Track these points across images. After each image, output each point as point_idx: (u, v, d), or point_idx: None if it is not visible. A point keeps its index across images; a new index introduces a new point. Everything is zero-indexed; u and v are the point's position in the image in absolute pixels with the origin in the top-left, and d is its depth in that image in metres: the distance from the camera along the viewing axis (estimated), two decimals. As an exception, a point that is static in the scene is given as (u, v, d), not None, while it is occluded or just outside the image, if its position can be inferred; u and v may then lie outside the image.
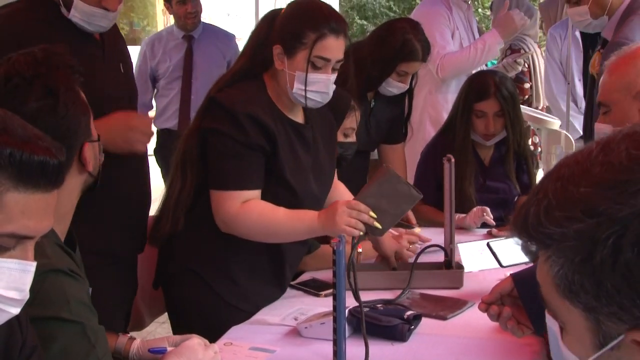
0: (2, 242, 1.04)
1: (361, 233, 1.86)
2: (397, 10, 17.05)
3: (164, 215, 2.08)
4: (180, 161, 2.06)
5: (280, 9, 2.09)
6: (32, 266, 1.08)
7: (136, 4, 7.39)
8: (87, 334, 1.34)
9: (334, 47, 1.99)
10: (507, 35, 3.42)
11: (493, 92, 2.74)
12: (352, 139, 2.56)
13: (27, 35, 1.95)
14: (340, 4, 7.92)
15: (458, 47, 3.42)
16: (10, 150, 1.02)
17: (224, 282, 2.06)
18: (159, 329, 3.48)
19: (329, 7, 2.08)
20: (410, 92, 2.94)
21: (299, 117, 2.12)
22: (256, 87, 2.05)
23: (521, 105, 3.62)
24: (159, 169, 4.23)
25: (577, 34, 4.00)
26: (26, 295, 1.09)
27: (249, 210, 1.95)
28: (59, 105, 1.41)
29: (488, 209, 2.67)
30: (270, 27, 2.06)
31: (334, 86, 2.04)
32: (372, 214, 1.86)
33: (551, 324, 0.77)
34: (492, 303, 1.49)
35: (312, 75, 1.97)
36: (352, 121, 2.52)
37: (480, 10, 10.34)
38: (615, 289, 0.64)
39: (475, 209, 2.68)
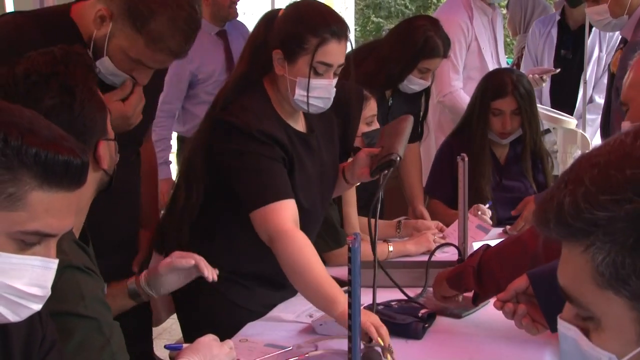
0: (25, 240, 1.06)
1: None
2: (412, 8, 17.00)
3: (168, 226, 2.07)
4: (184, 177, 2.04)
5: (278, 10, 2.02)
6: (54, 263, 1.10)
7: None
8: (102, 329, 1.36)
9: (336, 52, 1.93)
10: None
11: (510, 90, 2.74)
12: (376, 125, 2.54)
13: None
14: (355, 2, 7.91)
15: (476, 57, 3.42)
16: (35, 150, 1.03)
17: (234, 287, 2.05)
18: (175, 325, 3.50)
19: (329, 9, 2.02)
20: (427, 92, 2.95)
21: (300, 124, 2.07)
22: (259, 99, 1.98)
23: (538, 105, 3.63)
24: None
25: (554, 32, 3.99)
26: (48, 292, 1.11)
27: (300, 245, 1.83)
28: (75, 103, 1.42)
29: (484, 207, 2.65)
30: (268, 29, 1.98)
31: (335, 90, 1.98)
32: None
33: (566, 330, 0.75)
34: (508, 301, 1.50)
35: (313, 81, 1.92)
36: (370, 109, 2.52)
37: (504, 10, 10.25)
38: None
39: (471, 208, 2.64)
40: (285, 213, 1.87)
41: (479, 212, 2.64)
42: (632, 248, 0.65)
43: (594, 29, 3.99)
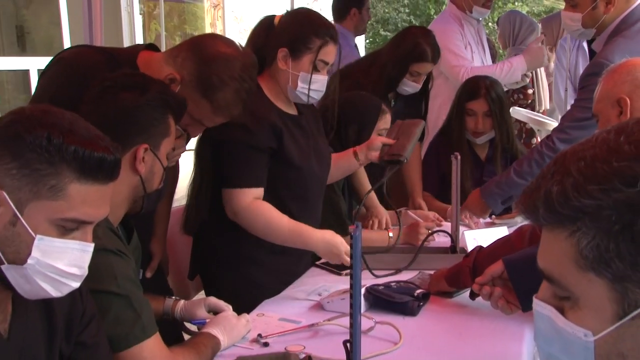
0: (65, 226, 1.07)
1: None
2: (416, 23, 16.92)
3: (189, 207, 2.10)
4: (197, 165, 2.08)
5: (274, 16, 2.08)
6: (90, 247, 1.11)
7: (189, 17, 7.43)
8: (134, 305, 1.36)
9: (333, 53, 2.04)
10: (532, 66, 3.36)
11: (483, 94, 2.74)
12: None
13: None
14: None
15: (470, 59, 3.38)
16: (74, 148, 1.04)
17: (252, 267, 2.08)
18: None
19: (324, 17, 2.09)
20: (426, 96, 2.94)
21: (291, 109, 2.13)
22: (258, 93, 1.99)
23: (523, 109, 3.60)
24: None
25: (585, 44, 3.88)
26: (85, 272, 1.11)
27: (258, 211, 1.97)
28: (141, 100, 1.46)
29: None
30: (267, 32, 2.05)
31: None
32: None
33: (541, 309, 0.74)
34: (485, 284, 1.48)
35: (314, 76, 2.00)
36: (385, 122, 2.54)
37: (490, 24, 10.22)
38: None
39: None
40: (247, 197, 1.97)
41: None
42: (617, 233, 0.63)
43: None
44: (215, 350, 1.53)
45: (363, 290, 1.81)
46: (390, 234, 2.44)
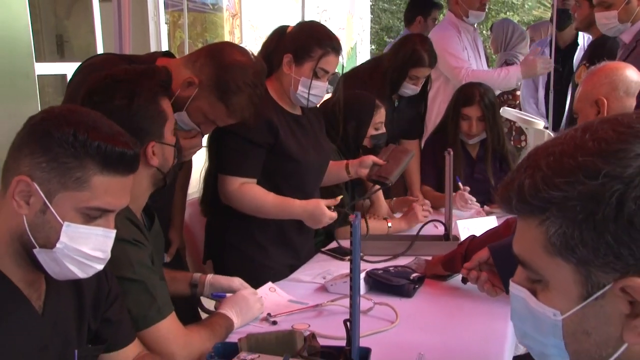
0: (90, 214, 1.08)
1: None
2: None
3: (204, 191, 2.14)
4: (208, 155, 2.11)
5: (287, 26, 2.11)
6: (112, 233, 1.12)
7: (209, 26, 7.45)
8: (149, 290, 1.37)
9: (333, 63, 2.04)
10: (527, 76, 3.37)
11: (477, 101, 2.74)
12: (382, 130, 2.60)
13: None
14: (371, 25, 7.84)
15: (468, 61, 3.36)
16: (97, 143, 1.05)
17: (253, 249, 2.10)
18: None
19: (330, 31, 2.10)
20: (426, 97, 2.93)
21: (295, 110, 2.15)
22: None
23: (512, 109, 3.59)
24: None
25: (547, 50, 3.91)
26: (108, 255, 1.12)
27: (244, 192, 2.00)
28: (133, 106, 1.40)
29: (465, 194, 2.65)
30: (279, 40, 2.08)
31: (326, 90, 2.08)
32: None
33: (516, 291, 0.74)
34: (472, 269, 1.48)
35: (313, 82, 2.02)
36: (380, 116, 2.55)
37: (485, 32, 10.16)
38: (614, 240, 0.62)
39: (457, 195, 2.64)
40: (236, 182, 2.00)
41: (466, 197, 2.63)
42: (581, 222, 0.63)
43: (579, 47, 3.95)
44: (229, 331, 1.54)
45: (364, 274, 1.82)
46: (389, 224, 2.44)
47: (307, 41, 2.01)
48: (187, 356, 1.40)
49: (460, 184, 2.64)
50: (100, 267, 1.12)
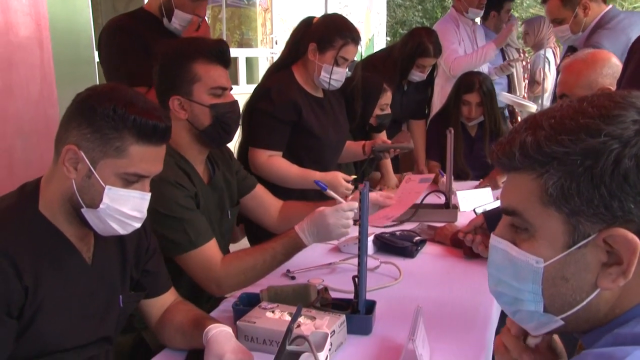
0: (128, 179, 1.06)
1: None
2: (427, 24, 16.48)
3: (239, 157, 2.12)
4: (242, 128, 2.07)
5: (313, 17, 2.08)
6: (148, 195, 1.10)
7: (244, 19, 7.38)
8: (183, 224, 1.37)
9: (353, 51, 2.01)
10: (499, 45, 3.29)
11: (477, 88, 2.70)
12: (388, 111, 2.55)
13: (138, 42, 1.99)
14: (387, 19, 7.67)
15: (463, 52, 3.31)
16: (134, 117, 1.03)
17: None
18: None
19: (351, 23, 2.06)
20: (432, 83, 2.87)
21: (318, 93, 2.11)
22: (287, 77, 2.04)
23: (507, 93, 3.50)
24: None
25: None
26: (144, 215, 1.11)
27: (271, 164, 1.98)
28: (163, 65, 1.44)
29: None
30: (305, 29, 2.04)
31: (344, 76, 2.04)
32: None
33: (497, 243, 0.71)
34: (469, 233, 1.45)
35: (334, 69, 1.98)
36: (386, 98, 2.51)
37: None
38: (608, 192, 0.60)
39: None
40: (264, 155, 1.98)
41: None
42: (580, 175, 0.61)
43: None
44: (292, 252, 1.42)
45: (372, 237, 1.79)
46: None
47: (330, 32, 1.98)
48: (230, 282, 1.39)
49: (440, 174, 2.54)
50: (137, 225, 1.11)
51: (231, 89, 1.48)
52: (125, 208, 1.07)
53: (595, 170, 0.61)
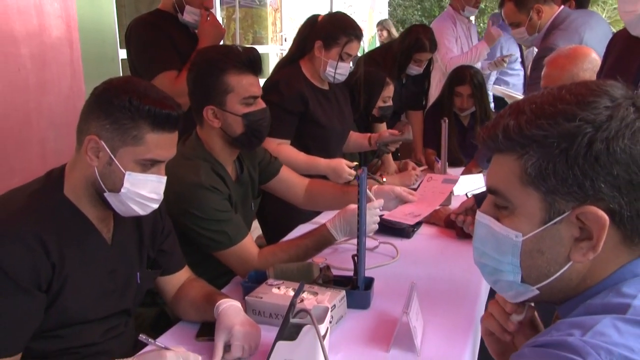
0: (145, 164, 1.06)
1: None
2: (426, 22, 16.28)
3: None
4: None
5: (318, 15, 2.05)
6: (164, 179, 1.10)
7: (255, 19, 7.33)
8: (220, 224, 1.37)
9: (356, 48, 1.99)
10: (491, 44, 3.24)
11: (468, 80, 2.67)
12: (389, 103, 2.53)
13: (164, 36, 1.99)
14: (388, 18, 7.59)
15: (459, 50, 3.27)
16: (148, 107, 1.02)
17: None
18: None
19: (354, 20, 2.04)
20: (428, 76, 2.85)
21: (324, 86, 2.10)
22: (295, 71, 2.03)
23: (499, 86, 3.46)
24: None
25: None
26: (161, 197, 1.10)
27: (280, 151, 1.94)
28: (197, 78, 1.41)
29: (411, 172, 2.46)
30: (311, 27, 2.02)
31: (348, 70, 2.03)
32: None
33: (481, 218, 0.70)
34: (460, 214, 1.44)
35: (339, 64, 1.97)
36: (388, 91, 2.50)
37: (482, 24, 9.76)
38: (581, 172, 0.60)
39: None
40: (273, 143, 1.93)
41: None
42: (556, 156, 0.61)
43: None
44: (323, 246, 1.42)
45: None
46: (384, 180, 2.36)
47: (335, 30, 1.96)
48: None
49: (436, 160, 2.52)
50: (155, 206, 1.11)
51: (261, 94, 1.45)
52: (144, 191, 1.06)
53: (570, 152, 0.61)
